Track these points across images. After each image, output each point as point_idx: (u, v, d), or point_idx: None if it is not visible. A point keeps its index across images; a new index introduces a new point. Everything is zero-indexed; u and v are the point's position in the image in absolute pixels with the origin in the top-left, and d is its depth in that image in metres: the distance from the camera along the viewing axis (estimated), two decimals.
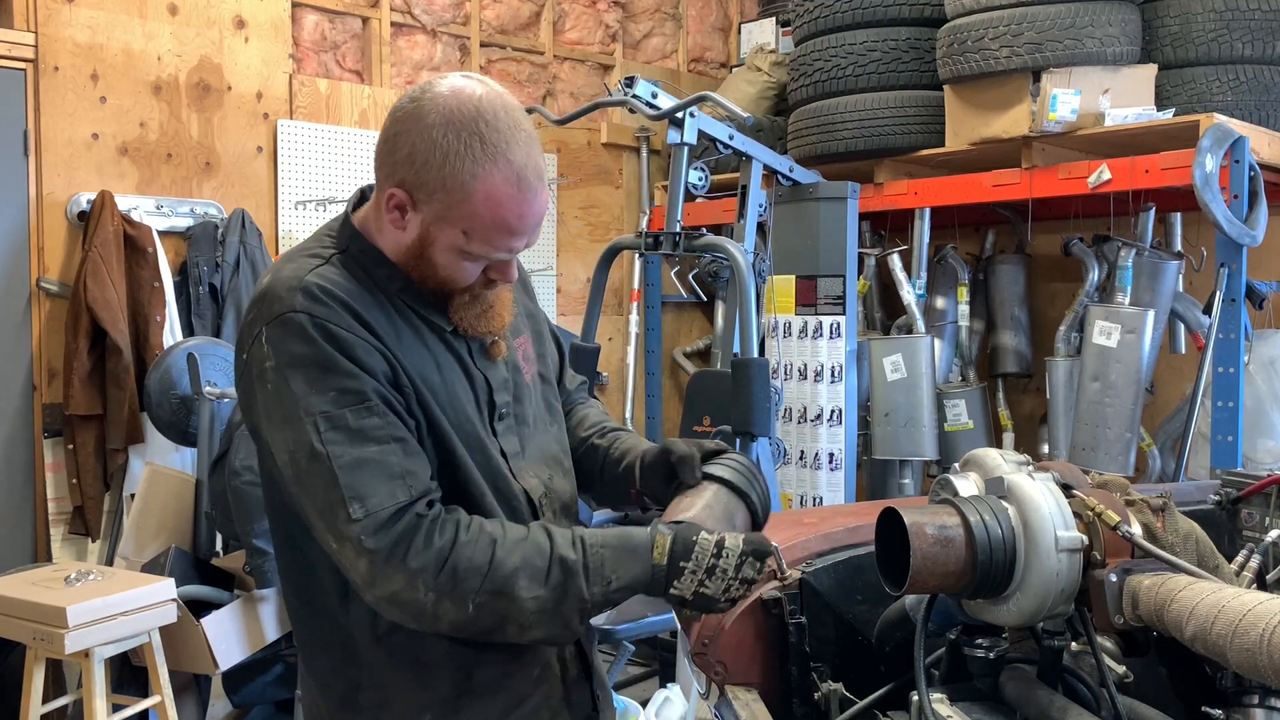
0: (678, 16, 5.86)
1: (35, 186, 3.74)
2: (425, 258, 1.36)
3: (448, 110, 1.30)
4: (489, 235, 1.33)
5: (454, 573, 1.27)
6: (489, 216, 1.32)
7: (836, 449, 4.18)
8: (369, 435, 1.28)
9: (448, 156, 1.29)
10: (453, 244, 1.34)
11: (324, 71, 4.61)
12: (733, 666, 1.63)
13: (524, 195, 1.32)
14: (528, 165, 1.32)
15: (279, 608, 3.24)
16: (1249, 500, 1.68)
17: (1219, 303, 3.44)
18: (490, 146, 1.30)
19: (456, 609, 1.28)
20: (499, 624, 1.31)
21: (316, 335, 1.28)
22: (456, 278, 1.38)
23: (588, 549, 1.33)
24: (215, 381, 3.54)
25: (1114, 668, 1.34)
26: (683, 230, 3.73)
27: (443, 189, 1.30)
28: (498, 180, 1.30)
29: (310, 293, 1.31)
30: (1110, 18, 3.64)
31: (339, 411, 1.27)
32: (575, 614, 1.32)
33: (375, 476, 1.27)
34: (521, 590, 1.29)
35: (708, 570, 1.32)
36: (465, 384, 1.43)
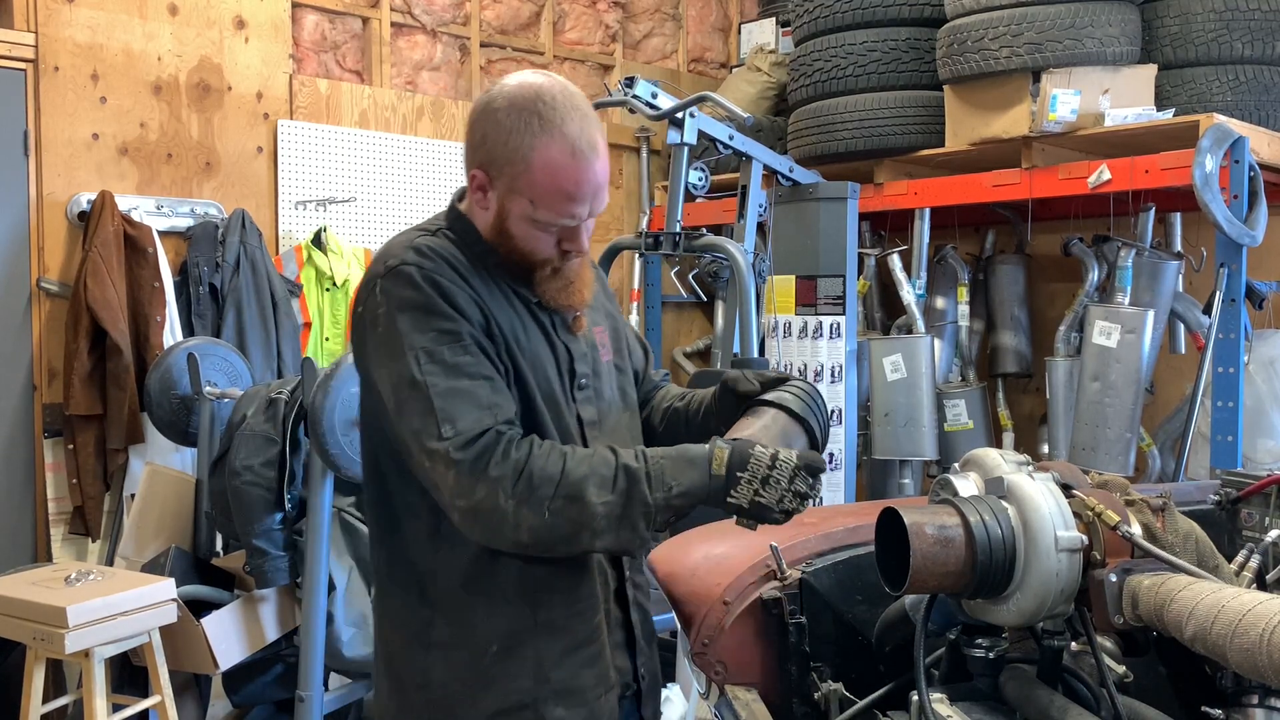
0: (678, 16, 5.86)
1: (35, 186, 3.74)
2: (505, 231, 1.54)
3: (512, 96, 1.51)
4: (551, 202, 1.50)
5: (530, 480, 1.40)
6: (548, 184, 1.48)
7: (836, 449, 4.18)
8: (463, 370, 1.44)
9: (511, 134, 1.48)
10: (523, 213, 1.51)
11: (324, 71, 4.61)
12: (733, 666, 1.63)
13: (578, 164, 1.49)
14: (581, 137, 1.49)
15: (279, 608, 3.24)
16: (1249, 500, 1.68)
17: (1219, 303, 3.44)
18: (546, 122, 1.48)
19: (534, 515, 1.40)
20: (574, 531, 1.42)
21: (423, 283, 1.46)
22: (534, 248, 1.54)
23: (649, 459, 1.45)
24: (215, 381, 3.54)
25: (1114, 668, 1.34)
26: (683, 230, 3.73)
27: (509, 163, 1.49)
28: (553, 151, 1.48)
29: (420, 250, 1.51)
30: (1110, 18, 3.64)
31: (438, 348, 1.44)
32: (641, 518, 1.43)
33: (466, 404, 1.43)
34: (592, 495, 1.41)
35: (763, 480, 1.43)
36: (549, 351, 1.59)
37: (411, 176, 4.75)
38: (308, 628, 3.06)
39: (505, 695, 1.53)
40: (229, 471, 3.07)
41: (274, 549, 3.05)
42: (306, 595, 3.06)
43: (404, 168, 4.73)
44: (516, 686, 1.53)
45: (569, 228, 1.54)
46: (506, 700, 1.53)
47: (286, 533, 3.08)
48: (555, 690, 1.54)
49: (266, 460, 3.05)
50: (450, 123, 4.89)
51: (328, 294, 4.33)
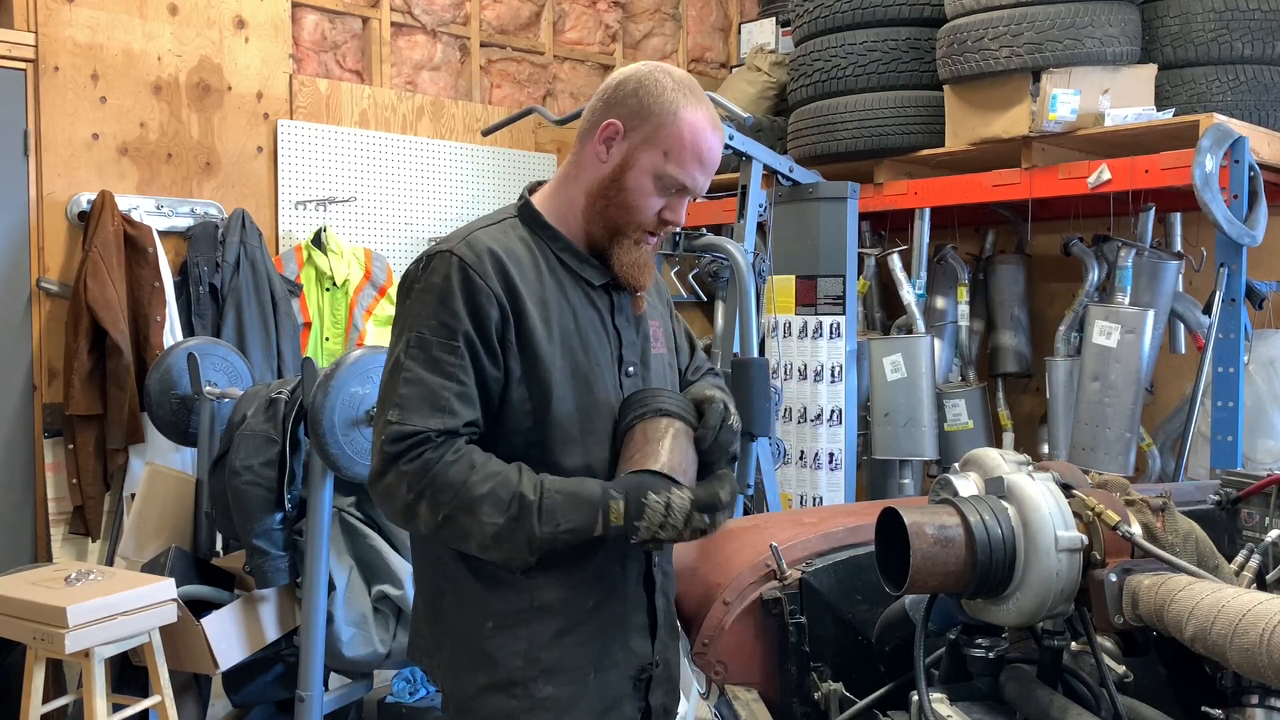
0: (678, 16, 5.86)
1: (35, 186, 3.74)
2: (621, 183, 1.62)
3: (665, 68, 1.67)
4: (683, 158, 1.61)
5: (432, 482, 1.49)
6: (689, 139, 1.61)
7: (836, 449, 4.18)
8: (440, 367, 1.53)
9: (665, 91, 1.62)
10: (652, 165, 1.61)
11: (324, 71, 4.61)
12: (733, 666, 1.63)
13: (716, 134, 1.65)
14: (717, 119, 1.67)
15: (279, 608, 3.24)
16: (1249, 500, 1.68)
17: (1219, 303, 3.44)
18: (696, 94, 1.65)
19: (430, 513, 1.51)
20: (463, 537, 1.53)
21: (454, 272, 1.55)
22: (640, 204, 1.63)
23: (545, 493, 1.52)
24: (215, 381, 3.54)
25: (1114, 668, 1.34)
26: (683, 230, 3.72)
27: (657, 114, 1.61)
28: (701, 114, 1.63)
29: (471, 244, 1.59)
30: (1110, 18, 3.64)
31: (430, 338, 1.54)
32: (524, 544, 1.51)
33: (423, 400, 1.52)
34: (483, 514, 1.50)
35: (660, 525, 1.51)
36: (603, 335, 1.67)
37: (411, 176, 4.75)
38: (308, 628, 3.06)
39: (496, 671, 1.60)
40: (229, 471, 3.07)
41: (274, 549, 3.05)
42: (306, 595, 3.06)
43: (404, 168, 4.72)
44: (508, 665, 1.59)
45: (676, 196, 1.64)
46: (496, 676, 1.60)
47: (286, 533, 3.08)
48: (545, 669, 1.60)
49: (266, 460, 3.05)
50: (450, 123, 4.89)
51: (328, 294, 4.33)
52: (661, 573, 1.71)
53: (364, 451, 2.92)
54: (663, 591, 1.72)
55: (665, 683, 1.73)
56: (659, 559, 1.71)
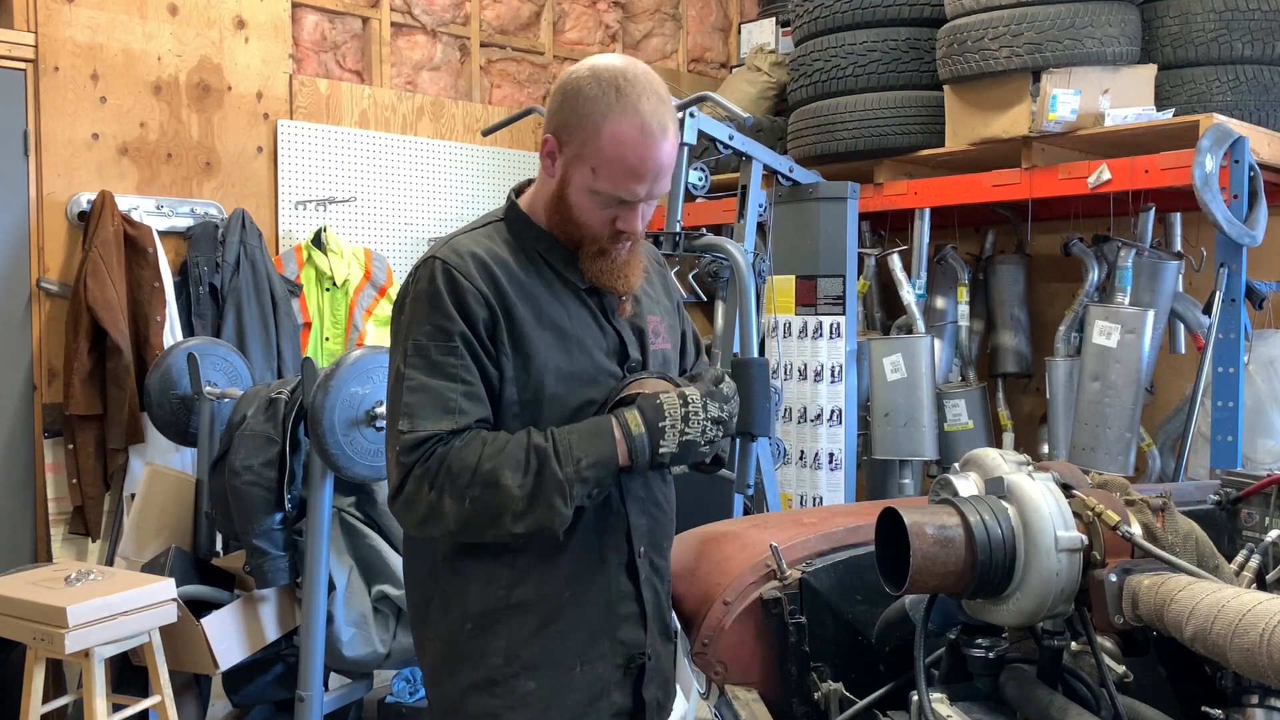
0: (678, 16, 5.86)
1: (35, 186, 3.74)
2: (564, 199, 1.58)
3: (596, 68, 1.56)
4: (612, 173, 1.53)
5: (449, 471, 1.48)
6: (613, 154, 1.52)
7: (836, 449, 4.18)
8: (442, 369, 1.52)
9: (588, 101, 1.53)
10: (585, 183, 1.55)
11: (324, 71, 4.61)
12: (733, 666, 1.63)
13: (645, 141, 1.52)
14: (654, 118, 1.53)
15: (279, 608, 3.24)
16: (1249, 500, 1.68)
17: (1219, 303, 3.44)
18: (624, 96, 1.52)
19: (456, 504, 1.48)
20: (495, 515, 1.49)
21: (440, 277, 1.55)
22: (588, 220, 1.58)
23: (556, 436, 1.52)
24: (215, 381, 3.54)
25: (1114, 668, 1.34)
26: (683, 230, 3.72)
27: (580, 128, 1.54)
28: (625, 124, 1.51)
29: (454, 248, 1.59)
30: (1110, 18, 3.64)
31: (428, 343, 1.53)
32: (555, 495, 1.48)
33: (431, 404, 1.51)
34: (507, 479, 1.47)
35: (684, 419, 1.52)
36: (598, 333, 1.65)
37: (411, 176, 4.75)
38: (308, 628, 3.06)
39: (476, 671, 1.60)
40: (229, 471, 3.07)
41: (274, 549, 3.05)
42: (306, 595, 3.06)
43: (404, 168, 4.72)
44: (488, 664, 1.60)
45: (625, 206, 1.57)
46: (477, 676, 1.60)
47: (286, 533, 3.08)
48: (525, 665, 1.60)
49: (266, 460, 3.05)
50: (450, 123, 4.89)
51: (328, 294, 4.33)
52: (649, 564, 1.69)
53: (364, 451, 2.92)
54: (650, 582, 1.70)
55: (658, 676, 1.72)
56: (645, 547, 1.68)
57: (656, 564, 1.73)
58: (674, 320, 1.85)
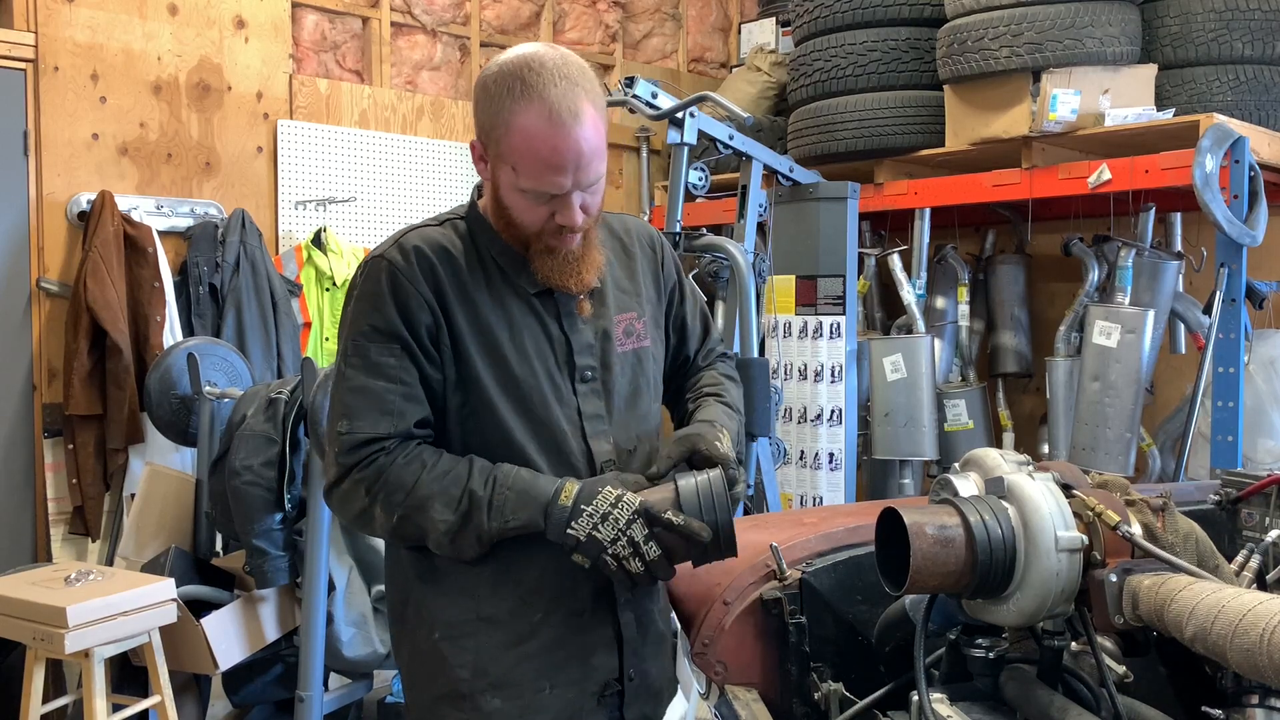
0: (678, 16, 5.86)
1: (35, 186, 3.74)
2: (499, 202, 1.55)
3: (503, 63, 1.50)
4: (531, 169, 1.47)
5: (385, 485, 1.49)
6: (525, 149, 1.46)
7: (836, 449, 4.18)
8: (382, 370, 1.51)
9: (495, 99, 1.48)
10: (510, 183, 1.51)
11: (324, 71, 4.61)
12: (733, 666, 1.63)
13: (554, 130, 1.44)
14: (561, 103, 1.44)
15: (279, 608, 3.24)
16: (1249, 500, 1.68)
17: (1219, 303, 3.44)
18: (528, 87, 1.45)
19: (384, 516, 1.50)
20: (419, 536, 1.52)
21: (383, 278, 1.52)
22: (525, 219, 1.53)
23: (497, 488, 1.49)
24: (215, 381, 3.54)
25: (1114, 668, 1.34)
26: (683, 230, 3.73)
27: (493, 129, 1.49)
28: (530, 116, 1.44)
29: (401, 246, 1.55)
30: (1110, 18, 3.64)
31: (366, 343, 1.52)
32: (475, 540, 1.50)
33: (370, 405, 1.51)
34: (434, 512, 1.48)
35: (602, 516, 1.45)
36: (544, 343, 1.59)
37: (411, 176, 4.75)
38: (308, 628, 3.06)
39: (445, 682, 1.58)
40: (229, 471, 3.07)
41: (274, 549, 3.05)
42: (306, 595, 3.06)
43: (404, 168, 4.72)
44: (455, 675, 1.57)
45: (558, 200, 1.50)
46: (446, 687, 1.58)
47: (286, 533, 3.08)
48: (492, 683, 1.57)
49: (266, 460, 3.05)
50: (450, 123, 4.89)
51: (327, 294, 4.33)
52: None
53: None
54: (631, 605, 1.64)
55: (645, 694, 1.68)
56: None
57: None
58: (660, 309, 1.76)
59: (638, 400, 1.68)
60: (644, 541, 1.45)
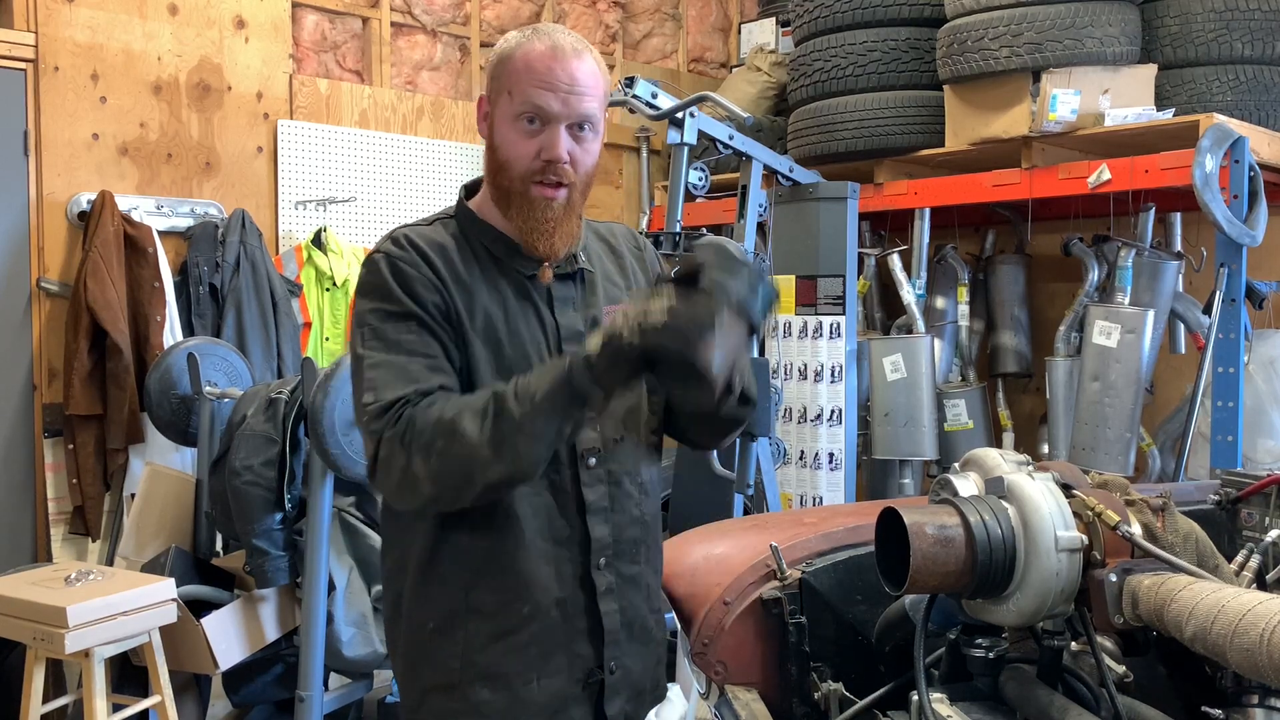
0: (678, 16, 5.86)
1: (35, 186, 3.74)
2: (493, 148, 1.60)
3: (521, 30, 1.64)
4: (524, 88, 1.55)
5: (414, 427, 1.44)
6: (523, 68, 1.56)
7: (836, 449, 4.18)
8: (402, 346, 1.52)
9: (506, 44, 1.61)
10: (505, 113, 1.57)
11: (324, 71, 4.61)
12: (733, 666, 1.63)
13: (556, 55, 1.56)
14: (567, 41, 1.58)
15: (279, 608, 3.24)
16: (1249, 500, 1.68)
17: (1219, 303, 3.44)
18: (539, 32, 1.60)
19: (424, 463, 1.43)
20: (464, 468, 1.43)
21: (385, 269, 1.55)
22: (511, 156, 1.57)
23: (519, 380, 1.45)
24: (215, 381, 3.54)
25: (1114, 668, 1.34)
26: (683, 230, 3.73)
27: (499, 64, 1.60)
28: (537, 45, 1.58)
29: (396, 240, 1.59)
30: (1110, 18, 3.64)
31: (382, 326, 1.53)
32: (516, 436, 1.41)
33: (393, 375, 1.49)
34: (467, 427, 1.42)
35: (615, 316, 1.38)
36: (537, 328, 1.61)
37: (411, 176, 4.75)
38: (308, 628, 3.06)
39: (435, 673, 1.60)
40: (229, 471, 3.07)
41: (274, 549, 3.05)
42: (306, 595, 3.06)
43: (404, 168, 4.72)
44: (446, 666, 1.59)
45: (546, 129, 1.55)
46: (436, 679, 1.60)
47: (286, 533, 3.08)
48: (480, 673, 1.58)
49: (266, 460, 3.05)
50: (450, 123, 4.89)
51: (328, 294, 4.33)
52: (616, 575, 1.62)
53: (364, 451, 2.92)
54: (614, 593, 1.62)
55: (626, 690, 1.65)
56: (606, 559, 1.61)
57: (626, 573, 1.65)
58: None
59: None
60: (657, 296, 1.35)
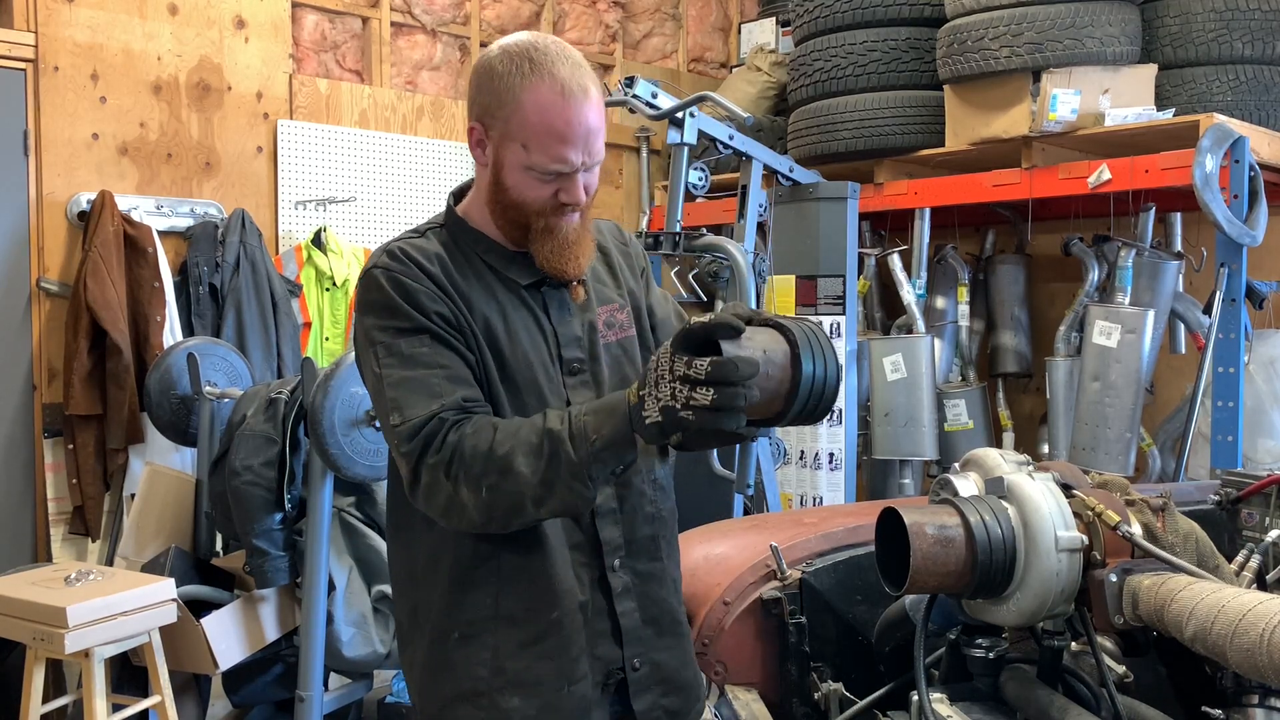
0: (678, 16, 5.86)
1: (35, 186, 3.74)
2: (500, 184, 1.54)
3: (505, 46, 1.54)
4: (542, 143, 1.49)
5: (462, 459, 1.42)
6: (538, 123, 1.48)
7: (836, 449, 4.18)
8: (418, 360, 1.49)
9: (503, 77, 1.50)
10: (518, 160, 1.51)
11: (324, 71, 4.61)
12: (733, 666, 1.63)
13: (567, 103, 1.49)
14: (571, 79, 1.50)
15: (279, 608, 3.24)
16: (1249, 500, 1.68)
17: (1219, 303, 3.44)
18: (537, 65, 1.49)
19: (473, 494, 1.42)
20: (516, 502, 1.42)
21: (387, 285, 1.51)
22: (529, 198, 1.53)
23: (573, 418, 1.42)
24: (215, 381, 3.54)
25: (1114, 668, 1.34)
26: (683, 230, 3.73)
27: (501, 106, 1.51)
28: (543, 90, 1.48)
29: (392, 254, 1.55)
30: (1110, 18, 3.64)
31: (395, 342, 1.50)
32: (572, 479, 1.39)
33: (416, 392, 1.47)
34: (520, 466, 1.40)
35: (655, 384, 1.31)
36: (537, 335, 1.59)
37: (411, 176, 4.75)
38: (308, 628, 3.06)
39: (461, 681, 1.56)
40: (229, 471, 3.06)
41: (274, 549, 3.05)
42: (306, 595, 3.06)
43: (404, 168, 4.72)
44: (473, 674, 1.56)
45: (564, 178, 1.52)
46: (462, 686, 1.56)
47: (286, 533, 3.08)
48: (510, 681, 1.55)
49: (266, 460, 3.05)
50: (450, 122, 4.89)
51: (328, 294, 4.33)
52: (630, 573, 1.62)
53: (364, 452, 2.91)
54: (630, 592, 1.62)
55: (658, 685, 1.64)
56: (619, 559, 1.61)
57: (642, 569, 1.64)
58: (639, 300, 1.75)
59: None
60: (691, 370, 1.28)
